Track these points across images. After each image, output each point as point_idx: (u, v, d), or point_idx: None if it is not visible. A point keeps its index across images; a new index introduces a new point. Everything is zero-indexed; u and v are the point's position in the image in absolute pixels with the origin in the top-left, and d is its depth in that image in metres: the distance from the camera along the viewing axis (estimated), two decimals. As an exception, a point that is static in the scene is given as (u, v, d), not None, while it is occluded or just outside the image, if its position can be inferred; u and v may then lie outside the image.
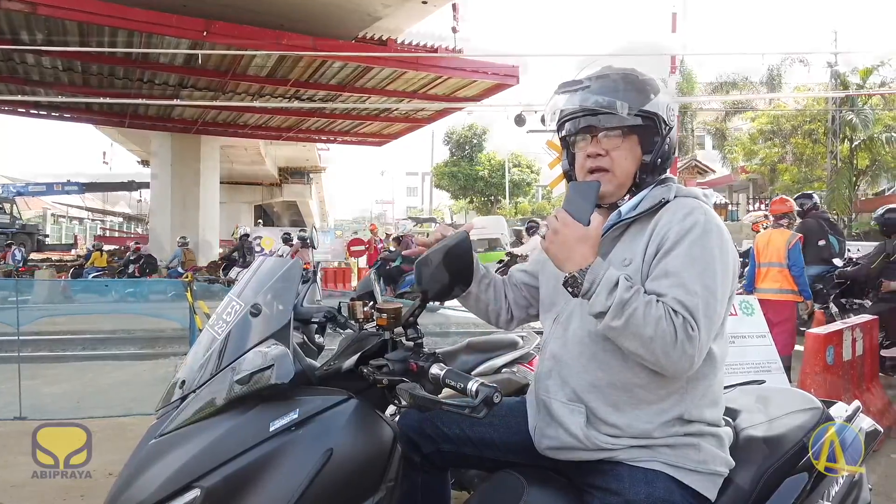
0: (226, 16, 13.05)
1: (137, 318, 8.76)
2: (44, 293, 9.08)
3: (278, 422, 1.41)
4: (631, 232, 1.59)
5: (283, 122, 21.42)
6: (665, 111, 1.62)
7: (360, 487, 1.46)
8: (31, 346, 7.70)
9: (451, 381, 1.38)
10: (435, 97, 17.74)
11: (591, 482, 1.53)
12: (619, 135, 1.60)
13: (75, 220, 46.17)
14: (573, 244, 1.43)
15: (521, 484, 1.54)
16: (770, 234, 6.17)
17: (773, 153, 26.64)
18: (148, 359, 7.73)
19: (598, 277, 1.39)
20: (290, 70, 15.89)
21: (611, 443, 1.50)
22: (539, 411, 1.64)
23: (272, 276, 1.60)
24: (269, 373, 1.40)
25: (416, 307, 1.56)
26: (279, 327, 1.52)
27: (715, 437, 1.55)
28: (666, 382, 1.49)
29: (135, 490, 1.37)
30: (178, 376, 1.57)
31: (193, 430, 1.42)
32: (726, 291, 1.48)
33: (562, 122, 1.70)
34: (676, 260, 1.45)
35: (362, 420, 1.51)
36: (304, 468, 1.37)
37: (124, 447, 4.04)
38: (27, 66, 16.18)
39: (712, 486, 1.51)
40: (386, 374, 1.48)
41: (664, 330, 1.35)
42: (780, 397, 1.88)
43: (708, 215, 1.51)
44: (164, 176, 22.21)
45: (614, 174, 1.61)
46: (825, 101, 23.68)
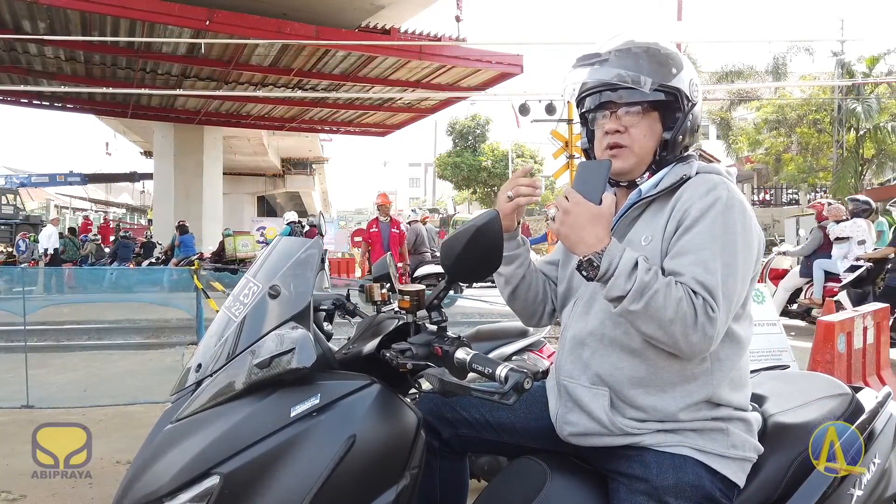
0: (228, 5, 12.97)
1: (143, 306, 8.76)
2: (49, 282, 9.07)
3: (299, 407, 1.36)
4: (651, 210, 1.54)
5: (285, 112, 21.34)
6: (688, 87, 1.57)
7: (383, 475, 1.42)
8: (38, 336, 7.70)
9: (479, 365, 1.32)
10: (438, 87, 17.63)
11: (615, 468, 1.50)
12: (639, 111, 1.56)
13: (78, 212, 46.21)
14: (585, 224, 1.37)
15: (545, 471, 1.50)
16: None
17: (778, 143, 26.55)
18: (154, 348, 7.73)
19: (614, 260, 1.34)
20: (292, 60, 15.82)
21: (636, 427, 1.47)
22: (560, 397, 1.59)
23: (291, 257, 1.55)
24: (290, 357, 1.35)
25: (441, 289, 1.51)
26: (299, 310, 1.47)
27: (743, 421, 1.51)
28: (691, 364, 1.45)
29: (151, 476, 1.32)
30: (194, 360, 1.53)
31: (211, 415, 1.38)
32: (748, 270, 1.43)
33: (581, 98, 1.66)
34: (697, 237, 1.40)
35: (385, 405, 1.46)
36: (327, 455, 1.33)
37: (131, 436, 4.07)
38: (29, 57, 16.13)
39: (741, 473, 1.48)
40: (410, 359, 1.44)
41: (684, 312, 1.31)
42: (808, 383, 1.84)
43: (731, 191, 1.46)
44: (167, 167, 22.18)
45: (633, 151, 1.56)
46: (831, 90, 23.55)
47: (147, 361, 6.90)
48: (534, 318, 1.83)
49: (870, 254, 7.61)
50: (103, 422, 4.47)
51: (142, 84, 17.28)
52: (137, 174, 33.75)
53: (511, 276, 1.75)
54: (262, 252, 1.67)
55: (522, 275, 1.76)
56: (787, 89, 25.49)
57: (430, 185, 60.84)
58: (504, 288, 1.79)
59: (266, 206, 43.28)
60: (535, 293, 1.79)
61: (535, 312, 1.82)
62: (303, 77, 16.89)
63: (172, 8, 12.67)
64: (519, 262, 1.74)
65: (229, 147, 27.61)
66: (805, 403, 1.70)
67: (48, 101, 19.92)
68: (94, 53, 15.74)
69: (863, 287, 7.37)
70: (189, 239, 17.24)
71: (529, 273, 1.77)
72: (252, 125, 23.01)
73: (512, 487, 1.55)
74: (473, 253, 1.41)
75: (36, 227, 27.24)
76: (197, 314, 6.26)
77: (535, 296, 1.79)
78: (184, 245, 17.01)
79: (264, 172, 36.45)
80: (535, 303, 1.80)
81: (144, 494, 1.30)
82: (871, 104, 21.74)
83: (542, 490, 1.46)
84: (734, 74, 25.69)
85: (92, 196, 44.43)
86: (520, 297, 1.79)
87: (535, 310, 1.82)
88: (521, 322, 1.85)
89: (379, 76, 16.95)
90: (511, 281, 1.76)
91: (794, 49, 24.07)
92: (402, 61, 15.67)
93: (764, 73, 25.46)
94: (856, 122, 22.58)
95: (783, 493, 1.53)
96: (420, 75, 16.92)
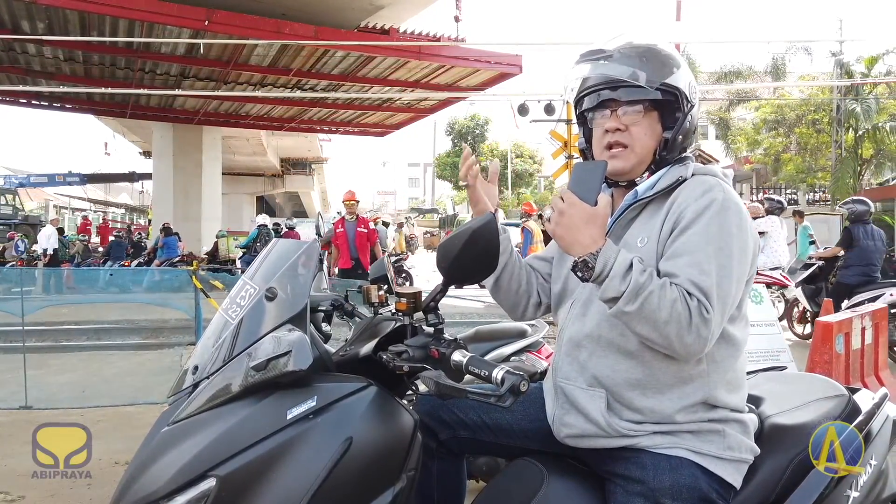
0: (227, 5, 12.95)
1: (142, 307, 8.75)
2: (48, 282, 9.06)
3: (296, 409, 1.37)
4: (648, 211, 1.54)
5: (284, 112, 21.31)
6: (687, 87, 1.58)
7: (380, 477, 1.42)
8: (36, 336, 7.69)
9: (475, 368, 1.33)
10: (437, 87, 17.61)
11: (612, 470, 1.50)
12: (640, 110, 1.56)
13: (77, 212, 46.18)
14: (580, 225, 1.37)
15: (542, 472, 1.50)
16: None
17: (776, 143, 26.54)
18: (152, 349, 7.72)
19: (609, 261, 1.34)
20: (291, 60, 15.80)
21: (633, 429, 1.47)
22: (557, 398, 1.60)
23: (288, 259, 1.55)
24: (287, 359, 1.36)
25: (437, 291, 1.51)
26: (296, 312, 1.47)
27: (739, 423, 1.51)
28: (687, 366, 1.45)
29: (147, 479, 1.33)
30: (191, 362, 1.53)
31: (207, 417, 1.38)
32: (743, 272, 1.43)
33: (580, 98, 1.66)
34: (692, 238, 1.40)
35: (382, 407, 1.46)
36: (323, 457, 1.33)
37: (129, 436, 4.07)
38: (28, 57, 16.10)
39: (738, 474, 1.48)
40: (406, 361, 1.44)
41: (679, 313, 1.31)
42: (804, 384, 1.85)
43: (726, 193, 1.46)
44: (166, 167, 22.16)
45: (633, 150, 1.56)
46: (829, 91, 23.55)
47: (146, 362, 6.90)
48: (517, 310, 1.83)
49: (820, 253, 8.50)
50: (102, 422, 4.46)
51: (141, 84, 17.26)
52: (136, 174, 33.73)
53: None
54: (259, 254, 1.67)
55: (504, 263, 1.75)
56: (785, 89, 25.49)
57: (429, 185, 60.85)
58: (488, 278, 1.79)
59: (265, 206, 43.25)
60: (517, 284, 1.79)
61: (519, 304, 1.82)
62: (302, 77, 16.87)
63: (171, 8, 12.66)
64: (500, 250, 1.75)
65: (228, 147, 27.61)
66: (802, 405, 1.70)
67: (47, 102, 19.87)
68: (93, 53, 15.71)
69: (816, 283, 8.12)
70: (172, 241, 17.37)
71: (511, 262, 1.78)
72: (251, 125, 22.98)
73: (509, 489, 1.55)
74: (470, 255, 1.41)
75: (35, 227, 27.23)
76: (196, 315, 6.26)
77: (518, 286, 1.79)
78: (167, 247, 17.15)
79: (263, 172, 36.45)
80: (517, 294, 1.80)
81: (141, 497, 1.30)
82: (871, 104, 21.75)
83: (539, 492, 1.46)
84: (733, 75, 25.66)
85: (91, 196, 44.35)
86: (503, 288, 1.79)
87: (518, 301, 1.82)
88: (521, 324, 1.85)
89: (378, 76, 16.93)
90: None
91: (792, 49, 24.07)
92: (401, 61, 15.66)
93: (763, 73, 25.47)
94: (854, 122, 22.58)
95: (780, 495, 1.53)
96: (419, 75, 16.91)
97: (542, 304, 1.82)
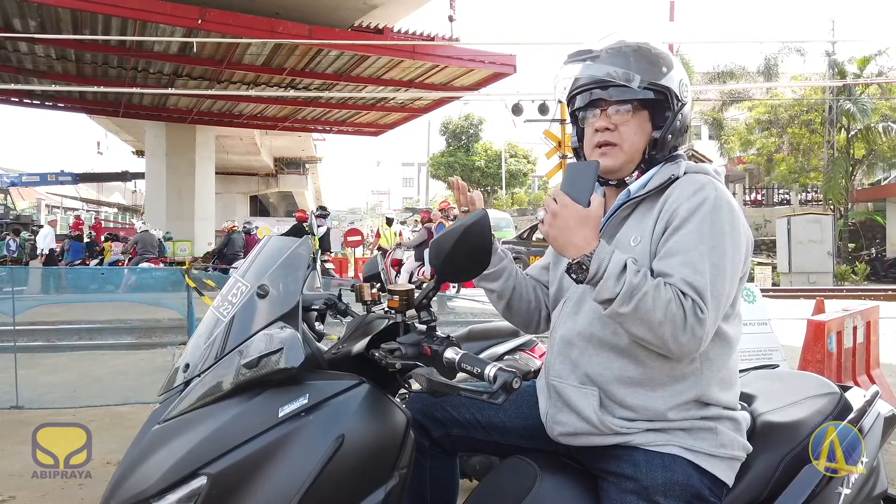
0: (220, 3, 12.94)
1: (134, 306, 8.69)
2: (39, 282, 9.00)
3: (287, 407, 1.36)
4: (640, 210, 1.54)
5: (278, 111, 21.29)
6: (678, 86, 1.58)
7: (372, 475, 1.41)
8: (27, 336, 7.64)
9: (468, 365, 1.32)
10: (431, 86, 17.64)
11: (605, 468, 1.50)
12: (629, 109, 1.56)
13: (70, 211, 45.98)
14: (573, 226, 1.37)
15: (534, 470, 1.50)
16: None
17: (769, 143, 26.67)
18: (145, 348, 7.67)
19: (603, 262, 1.34)
20: (285, 59, 15.78)
21: (626, 426, 1.47)
22: (550, 397, 1.59)
23: (280, 256, 1.54)
24: (278, 357, 1.35)
25: (430, 289, 1.50)
26: (288, 309, 1.46)
27: (732, 420, 1.51)
28: (680, 364, 1.45)
29: (138, 477, 1.32)
30: (182, 360, 1.52)
31: (198, 415, 1.37)
32: (737, 270, 1.43)
33: (572, 97, 1.66)
34: (685, 238, 1.40)
35: (374, 405, 1.46)
36: (315, 455, 1.33)
37: (122, 436, 4.05)
38: (20, 55, 16.03)
39: (730, 471, 1.48)
40: (398, 358, 1.43)
41: (674, 314, 1.31)
42: (796, 382, 1.85)
43: (719, 192, 1.46)
44: (159, 166, 22.11)
45: (622, 149, 1.56)
46: (822, 91, 23.68)
47: (138, 361, 6.85)
48: (531, 326, 1.85)
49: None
50: (94, 422, 4.43)
51: (133, 83, 17.22)
52: (129, 173, 33.53)
53: (502, 290, 1.77)
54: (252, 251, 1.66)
55: (513, 286, 1.78)
56: (778, 90, 25.60)
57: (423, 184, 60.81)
58: (498, 303, 1.81)
59: (259, 205, 43.16)
60: (527, 301, 1.81)
61: (532, 320, 1.84)
62: (296, 76, 16.87)
63: (164, 6, 12.63)
64: (506, 274, 1.77)
65: (222, 146, 27.52)
66: (794, 402, 1.71)
67: (39, 100, 19.80)
68: (86, 52, 15.67)
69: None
70: (77, 245, 17.93)
71: (519, 283, 1.80)
72: (245, 124, 22.93)
73: (502, 487, 1.55)
74: (462, 252, 1.41)
75: (27, 226, 27.08)
76: (188, 314, 6.23)
77: (529, 304, 1.82)
78: (73, 250, 17.61)
79: (257, 172, 36.35)
80: (529, 311, 1.83)
81: (132, 495, 1.29)
82: (865, 104, 21.87)
83: (532, 490, 1.46)
84: (726, 75, 25.79)
85: (83, 195, 44.15)
86: (514, 309, 1.82)
87: (531, 318, 1.84)
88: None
89: (372, 76, 16.93)
90: (504, 295, 1.78)
91: (785, 49, 24.19)
92: (395, 61, 15.67)
93: (756, 73, 25.58)
94: (847, 122, 22.70)
95: (772, 492, 1.54)
96: (413, 75, 16.91)
97: (552, 314, 1.83)
